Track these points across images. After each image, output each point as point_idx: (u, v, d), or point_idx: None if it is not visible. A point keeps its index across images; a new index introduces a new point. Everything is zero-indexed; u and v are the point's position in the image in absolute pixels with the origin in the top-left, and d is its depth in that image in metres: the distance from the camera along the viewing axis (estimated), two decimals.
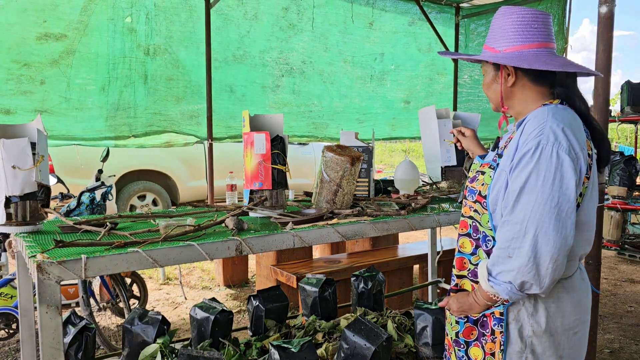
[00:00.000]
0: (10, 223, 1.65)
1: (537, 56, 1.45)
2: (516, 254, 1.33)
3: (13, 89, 3.78)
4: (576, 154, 1.35)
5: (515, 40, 1.47)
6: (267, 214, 1.96)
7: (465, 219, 1.58)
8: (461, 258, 1.59)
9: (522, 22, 1.46)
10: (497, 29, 1.51)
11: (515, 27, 1.47)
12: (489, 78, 1.56)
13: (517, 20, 1.47)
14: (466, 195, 1.57)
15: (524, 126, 1.43)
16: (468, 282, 1.57)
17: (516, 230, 1.34)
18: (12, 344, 3.58)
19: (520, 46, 1.46)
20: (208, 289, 4.94)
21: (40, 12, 3.81)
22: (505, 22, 1.49)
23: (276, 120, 2.08)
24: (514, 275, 1.34)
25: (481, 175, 1.52)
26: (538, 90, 1.49)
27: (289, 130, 5.24)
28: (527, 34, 1.46)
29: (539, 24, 1.47)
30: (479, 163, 1.59)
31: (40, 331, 1.28)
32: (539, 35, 1.47)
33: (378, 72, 5.87)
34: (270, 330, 2.41)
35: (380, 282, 2.76)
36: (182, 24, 4.52)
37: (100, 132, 4.21)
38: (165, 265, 1.48)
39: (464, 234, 1.58)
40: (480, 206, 1.50)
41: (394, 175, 2.55)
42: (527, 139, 1.38)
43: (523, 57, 1.45)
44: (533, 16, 1.46)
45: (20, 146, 1.61)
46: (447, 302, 1.60)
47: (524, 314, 1.44)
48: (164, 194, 6.87)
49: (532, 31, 1.47)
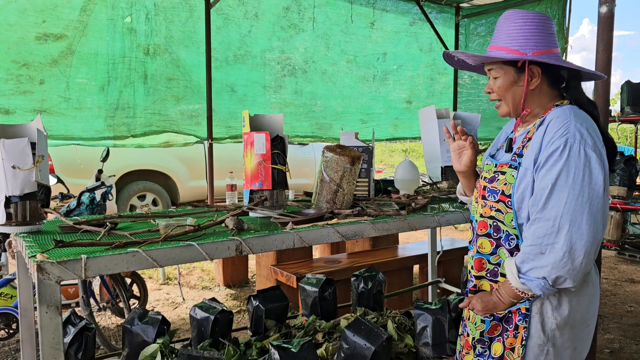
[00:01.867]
0: (10, 223, 1.65)
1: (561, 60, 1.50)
2: (549, 249, 1.36)
3: (12, 89, 3.78)
4: (600, 151, 1.39)
5: (541, 45, 1.49)
6: (267, 214, 1.96)
7: (485, 220, 1.57)
8: (480, 259, 1.58)
9: (544, 27, 1.51)
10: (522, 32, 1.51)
11: (540, 32, 1.50)
12: (508, 80, 1.54)
13: (540, 25, 1.50)
14: (485, 195, 1.57)
15: (546, 126, 1.46)
16: (487, 283, 1.58)
17: (549, 226, 1.36)
18: (12, 344, 3.58)
19: (545, 50, 1.49)
20: (208, 289, 4.94)
21: (40, 12, 3.81)
22: (530, 25, 1.50)
23: (276, 120, 2.08)
24: (549, 270, 1.36)
25: (501, 175, 1.53)
26: (551, 94, 1.54)
27: (291, 130, 5.24)
28: (550, 38, 1.51)
29: (553, 30, 1.53)
30: (493, 163, 1.59)
31: (40, 331, 1.28)
32: (555, 41, 1.53)
33: (380, 72, 5.87)
34: (270, 330, 2.41)
35: (380, 282, 2.76)
36: (182, 23, 4.52)
37: (100, 132, 4.21)
38: (165, 265, 1.47)
39: (483, 235, 1.57)
40: (504, 205, 1.51)
41: (394, 175, 2.55)
42: (552, 137, 1.41)
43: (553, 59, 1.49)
44: (549, 21, 1.52)
45: (20, 146, 1.61)
46: (468, 303, 1.59)
47: (548, 308, 1.45)
48: (164, 194, 6.86)
49: (552, 37, 1.52)
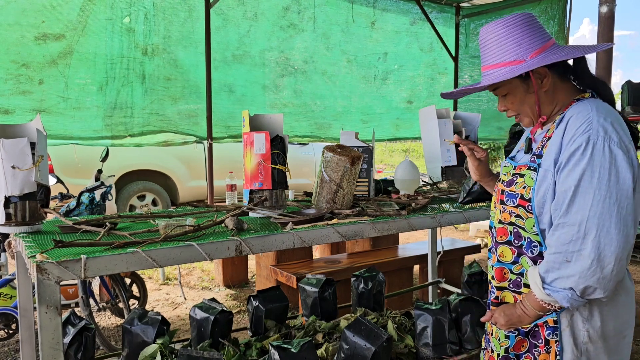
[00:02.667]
0: (10, 223, 1.65)
1: (562, 50, 1.39)
2: (576, 257, 1.25)
3: (12, 89, 3.78)
4: (627, 147, 1.28)
5: (536, 43, 1.39)
6: (267, 214, 1.95)
7: (504, 226, 1.47)
8: (501, 268, 1.48)
9: (530, 24, 1.41)
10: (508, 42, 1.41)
11: (528, 31, 1.40)
12: (519, 93, 1.44)
13: (525, 25, 1.41)
14: (503, 200, 1.48)
15: (566, 123, 1.35)
16: (510, 294, 1.47)
17: (574, 232, 1.25)
18: (12, 344, 3.57)
19: (542, 47, 1.39)
20: (208, 289, 4.94)
21: (39, 12, 3.81)
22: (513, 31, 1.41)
23: (276, 120, 2.08)
24: (576, 280, 1.25)
25: (520, 178, 1.43)
26: (566, 87, 1.44)
27: (290, 130, 5.24)
28: (540, 32, 1.41)
29: (538, 23, 1.44)
30: (512, 165, 1.49)
31: (40, 331, 1.27)
32: (546, 32, 1.43)
33: (381, 72, 5.87)
34: (270, 331, 2.41)
35: (380, 283, 2.76)
36: (181, 23, 4.52)
37: (98, 132, 4.21)
38: (164, 265, 1.47)
39: (504, 242, 1.47)
40: (524, 210, 1.41)
41: (394, 175, 2.55)
42: (574, 135, 1.30)
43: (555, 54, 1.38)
44: (531, 17, 1.43)
45: (19, 146, 1.61)
46: (490, 317, 1.48)
47: (578, 319, 1.35)
48: (163, 194, 6.86)
49: (542, 30, 1.42)
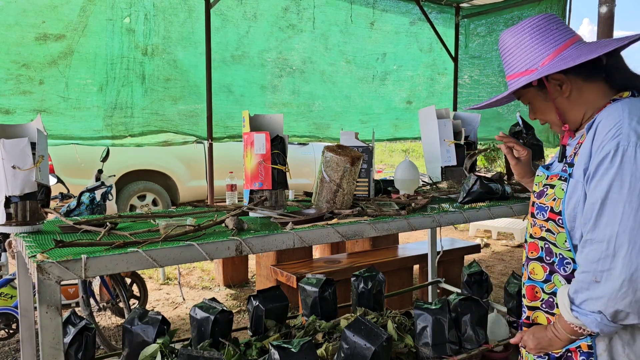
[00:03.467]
0: (10, 223, 1.65)
1: (579, 50, 1.27)
2: (605, 277, 1.14)
3: (12, 89, 3.79)
4: None
5: (547, 49, 1.30)
6: (267, 214, 1.96)
7: (535, 241, 1.39)
8: (532, 286, 1.40)
9: (540, 29, 1.32)
10: (518, 52, 1.34)
11: (539, 38, 1.31)
12: (540, 102, 1.37)
13: (535, 31, 1.32)
14: (534, 213, 1.39)
15: (595, 127, 1.24)
16: (542, 315, 1.38)
17: (603, 249, 1.15)
18: (12, 344, 3.58)
19: (555, 51, 1.29)
20: (208, 289, 4.94)
21: (40, 12, 3.82)
22: (522, 40, 1.33)
23: (276, 120, 2.08)
24: (605, 303, 1.15)
25: (550, 189, 1.34)
26: (596, 89, 1.31)
27: (289, 130, 5.25)
28: (556, 35, 1.30)
29: (557, 24, 1.33)
30: (545, 175, 1.40)
31: (40, 331, 1.27)
32: (565, 33, 1.31)
33: (380, 72, 5.87)
34: (270, 330, 2.41)
35: (380, 282, 2.76)
36: (181, 24, 4.52)
37: (98, 132, 4.22)
38: (165, 265, 1.47)
39: (535, 258, 1.39)
40: (555, 224, 1.31)
41: (394, 175, 2.55)
42: (602, 141, 1.20)
43: (567, 58, 1.27)
44: (546, 20, 1.33)
45: (20, 146, 1.61)
46: (520, 339, 1.40)
47: (618, 344, 1.23)
48: (164, 194, 6.86)
49: (557, 32, 1.31)
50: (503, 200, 2.31)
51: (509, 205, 2.23)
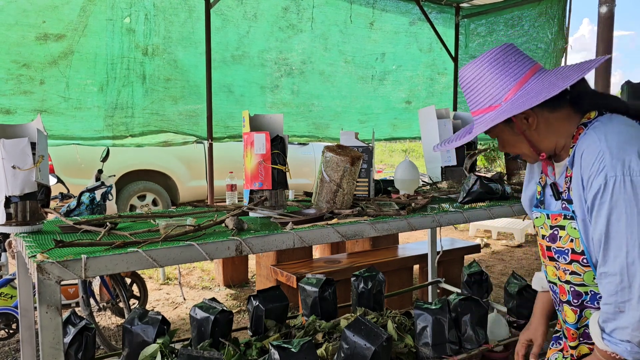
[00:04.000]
0: (10, 223, 1.65)
1: (541, 82, 1.27)
2: (627, 307, 1.16)
3: (13, 89, 3.79)
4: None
5: (509, 83, 1.28)
6: (267, 214, 1.96)
7: (562, 285, 1.37)
8: (568, 329, 1.40)
9: (499, 63, 1.29)
10: (480, 87, 1.31)
11: (499, 71, 1.29)
12: (509, 136, 1.36)
13: (494, 64, 1.29)
14: (553, 257, 1.37)
15: (580, 161, 1.24)
16: (584, 347, 1.38)
17: (618, 282, 1.16)
18: (12, 344, 3.58)
19: (517, 84, 1.28)
20: (208, 289, 4.94)
21: (40, 12, 3.82)
22: (483, 75, 1.30)
23: (276, 120, 2.08)
24: (630, 332, 1.16)
25: (562, 231, 1.32)
26: (564, 116, 1.32)
27: (288, 130, 5.25)
28: (514, 69, 1.29)
29: (515, 55, 1.31)
30: (544, 215, 1.39)
31: (40, 331, 1.27)
32: (524, 64, 1.30)
33: (379, 72, 5.87)
34: (270, 330, 2.41)
35: (380, 282, 2.76)
36: (181, 24, 4.52)
37: (99, 132, 4.22)
38: (165, 265, 1.47)
39: (565, 301, 1.38)
40: (579, 265, 1.30)
41: (394, 175, 2.55)
42: (590, 175, 1.20)
43: (530, 92, 1.26)
44: (504, 52, 1.30)
45: (20, 146, 1.61)
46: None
47: None
48: (164, 194, 6.86)
49: (515, 64, 1.29)
50: (503, 200, 2.31)
51: (509, 205, 2.23)
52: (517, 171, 2.75)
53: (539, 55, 6.05)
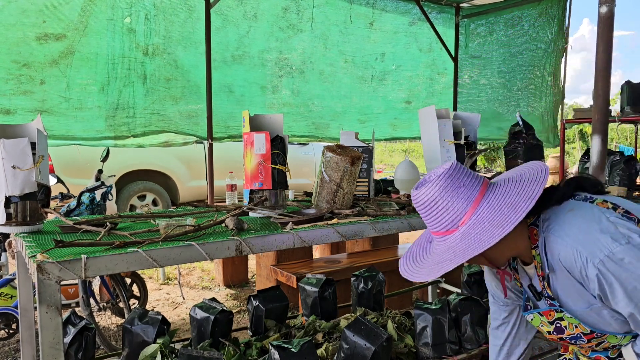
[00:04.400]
0: (10, 223, 1.65)
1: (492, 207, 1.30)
2: None
3: (13, 89, 3.79)
4: (628, 236, 1.21)
5: (462, 209, 1.30)
6: (267, 214, 1.96)
7: (597, 355, 1.44)
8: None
9: (449, 189, 1.31)
10: (434, 213, 1.33)
11: (451, 198, 1.31)
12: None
13: (445, 191, 1.31)
14: (572, 342, 1.41)
15: (561, 264, 1.29)
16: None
17: None
18: (12, 344, 3.58)
19: (470, 209, 1.30)
20: (208, 289, 4.94)
21: (40, 12, 3.82)
22: (436, 201, 1.32)
23: (276, 120, 2.08)
24: None
25: (563, 322, 1.38)
26: (517, 233, 1.34)
27: (289, 130, 5.25)
28: (464, 193, 1.31)
29: (463, 177, 1.32)
30: (537, 315, 1.43)
31: (40, 331, 1.28)
32: (473, 185, 1.32)
33: (379, 72, 5.87)
34: (270, 330, 2.41)
35: (380, 282, 2.76)
36: (181, 24, 4.52)
37: (100, 132, 4.22)
38: (165, 265, 1.47)
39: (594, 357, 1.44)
40: (597, 338, 1.36)
41: (394, 175, 2.55)
42: (581, 271, 1.25)
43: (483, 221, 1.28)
44: (450, 177, 1.31)
45: (20, 146, 1.61)
46: None
47: None
48: (164, 194, 6.86)
49: (465, 188, 1.31)
50: None
51: None
52: None
53: (539, 55, 6.05)
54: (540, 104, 6.22)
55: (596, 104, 2.84)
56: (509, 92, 6.34)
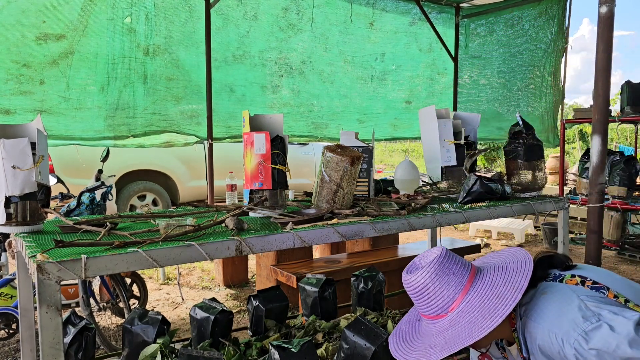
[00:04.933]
0: (10, 223, 1.65)
1: (480, 297, 1.38)
2: None
3: (13, 89, 3.79)
4: (601, 315, 1.26)
5: (452, 295, 1.39)
6: (267, 214, 1.96)
7: None
8: None
9: (440, 277, 1.40)
10: (425, 299, 1.42)
11: (441, 285, 1.39)
12: None
13: (435, 279, 1.39)
14: None
15: (539, 350, 1.35)
16: None
17: None
18: (12, 344, 3.58)
19: (460, 296, 1.39)
20: (208, 289, 4.94)
21: (40, 12, 3.82)
22: (428, 288, 1.40)
23: (276, 120, 2.08)
24: None
25: None
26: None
27: (289, 130, 5.25)
28: (454, 281, 1.39)
29: (452, 265, 1.41)
30: None
31: (40, 331, 1.28)
32: (462, 273, 1.40)
33: (379, 72, 5.87)
34: (270, 330, 2.41)
35: (380, 282, 2.76)
36: (182, 24, 4.52)
37: (100, 132, 4.22)
38: (165, 265, 1.47)
39: None
40: None
41: (394, 175, 2.55)
42: (559, 352, 1.30)
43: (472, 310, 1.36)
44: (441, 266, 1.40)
45: (20, 146, 1.61)
46: None
47: None
48: (164, 194, 6.86)
49: (454, 276, 1.40)
50: (503, 200, 2.31)
51: (509, 205, 2.23)
52: (517, 171, 2.75)
53: (539, 55, 6.05)
54: (540, 104, 6.22)
55: (596, 104, 2.84)
56: (509, 92, 6.34)
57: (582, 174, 5.55)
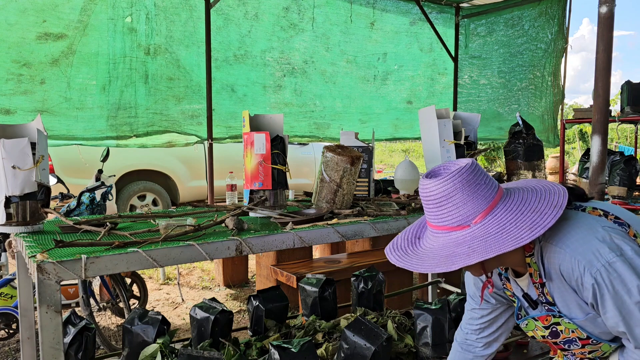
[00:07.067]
0: (10, 223, 1.65)
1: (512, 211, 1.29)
2: None
3: (13, 89, 3.78)
4: (623, 250, 1.23)
5: (479, 206, 1.27)
6: (267, 214, 1.96)
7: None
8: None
9: (470, 185, 1.27)
10: (449, 206, 1.29)
11: (469, 194, 1.27)
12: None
13: (465, 186, 1.27)
14: (565, 347, 1.43)
15: (560, 273, 1.30)
16: None
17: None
18: (12, 344, 3.58)
19: (487, 209, 1.28)
20: (208, 289, 4.94)
21: (40, 11, 3.81)
22: (453, 194, 1.27)
23: (276, 120, 2.08)
24: None
25: (559, 326, 1.40)
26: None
27: (290, 130, 5.25)
28: (483, 192, 1.28)
29: (482, 177, 1.29)
30: (532, 320, 1.46)
31: (40, 331, 1.28)
32: (491, 187, 1.30)
33: (381, 72, 5.87)
34: (270, 330, 2.41)
35: (380, 282, 2.76)
36: (183, 23, 4.52)
37: (102, 132, 4.21)
38: (165, 265, 1.48)
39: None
40: (592, 345, 1.38)
41: (394, 175, 2.55)
42: (577, 279, 1.27)
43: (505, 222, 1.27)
44: (473, 174, 1.28)
45: (20, 146, 1.61)
46: None
47: None
48: (164, 194, 6.86)
49: (484, 187, 1.28)
50: None
51: None
52: (517, 171, 2.75)
53: (539, 55, 6.05)
54: (540, 104, 6.22)
55: (596, 104, 2.83)
56: (509, 92, 6.34)
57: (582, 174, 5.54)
